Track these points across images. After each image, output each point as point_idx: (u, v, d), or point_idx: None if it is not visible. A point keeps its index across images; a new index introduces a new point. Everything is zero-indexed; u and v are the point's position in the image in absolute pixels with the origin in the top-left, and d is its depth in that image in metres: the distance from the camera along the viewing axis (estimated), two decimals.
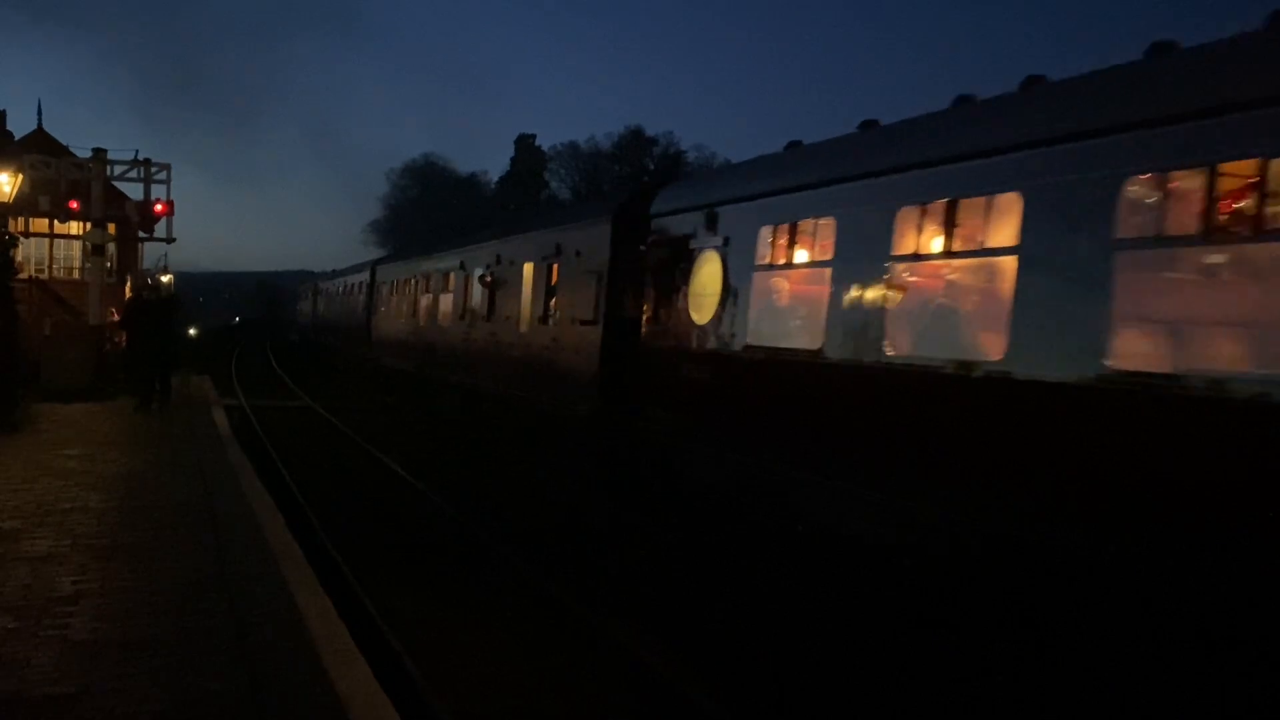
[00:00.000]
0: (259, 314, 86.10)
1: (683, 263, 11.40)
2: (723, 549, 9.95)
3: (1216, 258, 5.98)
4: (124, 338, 21.31)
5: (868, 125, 10.02)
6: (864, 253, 8.42)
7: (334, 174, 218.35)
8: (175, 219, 24.64)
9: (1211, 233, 5.69)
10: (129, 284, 28.43)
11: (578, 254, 14.76)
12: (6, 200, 17.39)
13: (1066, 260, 6.44)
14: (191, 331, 48.15)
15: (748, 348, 10.18)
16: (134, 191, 25.47)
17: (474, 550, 10.85)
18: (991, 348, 7.02)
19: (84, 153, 24.95)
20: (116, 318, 22.97)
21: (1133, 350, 6.13)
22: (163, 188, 24.03)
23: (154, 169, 24.03)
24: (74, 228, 28.66)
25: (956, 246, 7.51)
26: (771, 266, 10.08)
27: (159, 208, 24.12)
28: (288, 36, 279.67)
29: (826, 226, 9.07)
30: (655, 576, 9.86)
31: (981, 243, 7.28)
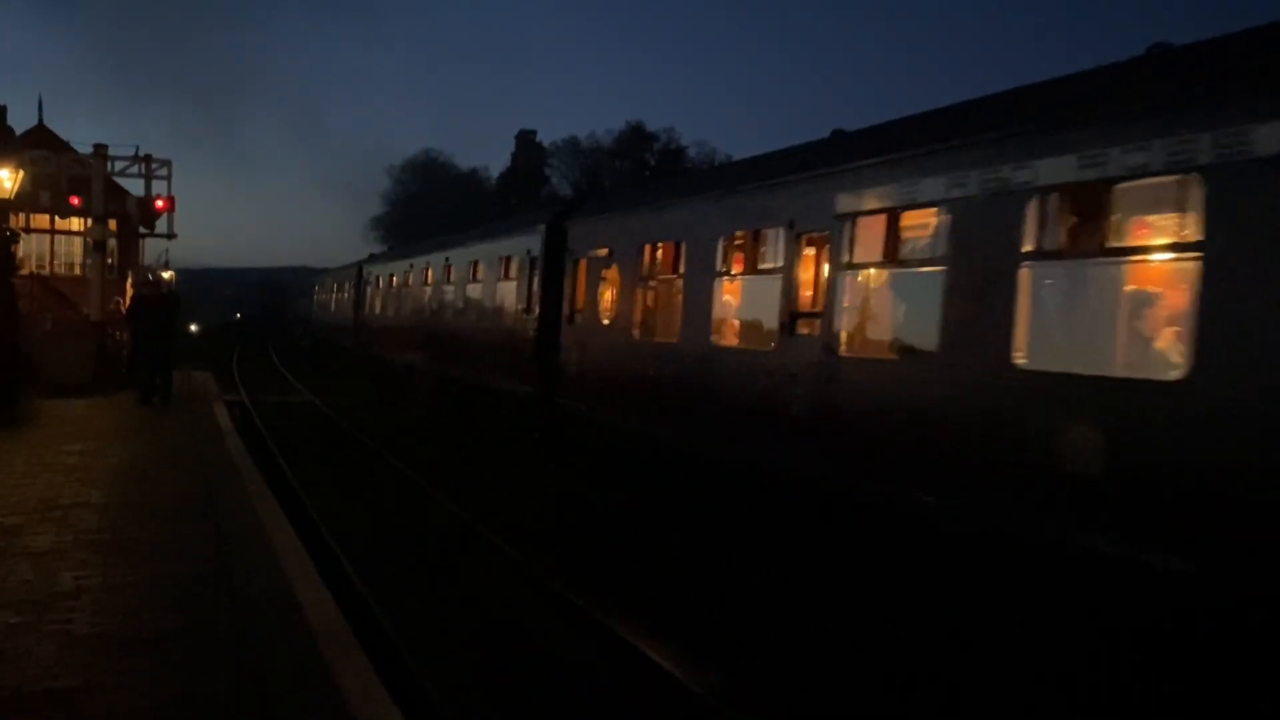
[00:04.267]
0: (261, 311, 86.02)
1: None
2: None
3: None
4: (124, 333, 21.32)
5: None
6: None
7: (334, 172, 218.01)
8: (176, 215, 24.66)
9: None
10: (130, 280, 28.40)
11: None
12: (8, 196, 17.35)
13: None
14: (193, 328, 48.18)
15: None
16: (135, 187, 25.52)
17: None
18: None
19: (85, 149, 24.96)
20: (124, 308, 22.99)
21: None
22: (164, 184, 24.02)
23: (155, 165, 23.99)
24: (75, 224, 28.68)
25: None
26: None
27: (160, 204, 24.08)
28: (285, 34, 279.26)
29: None
30: None
31: None
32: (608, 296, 14.02)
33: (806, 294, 9.72)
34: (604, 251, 14.05)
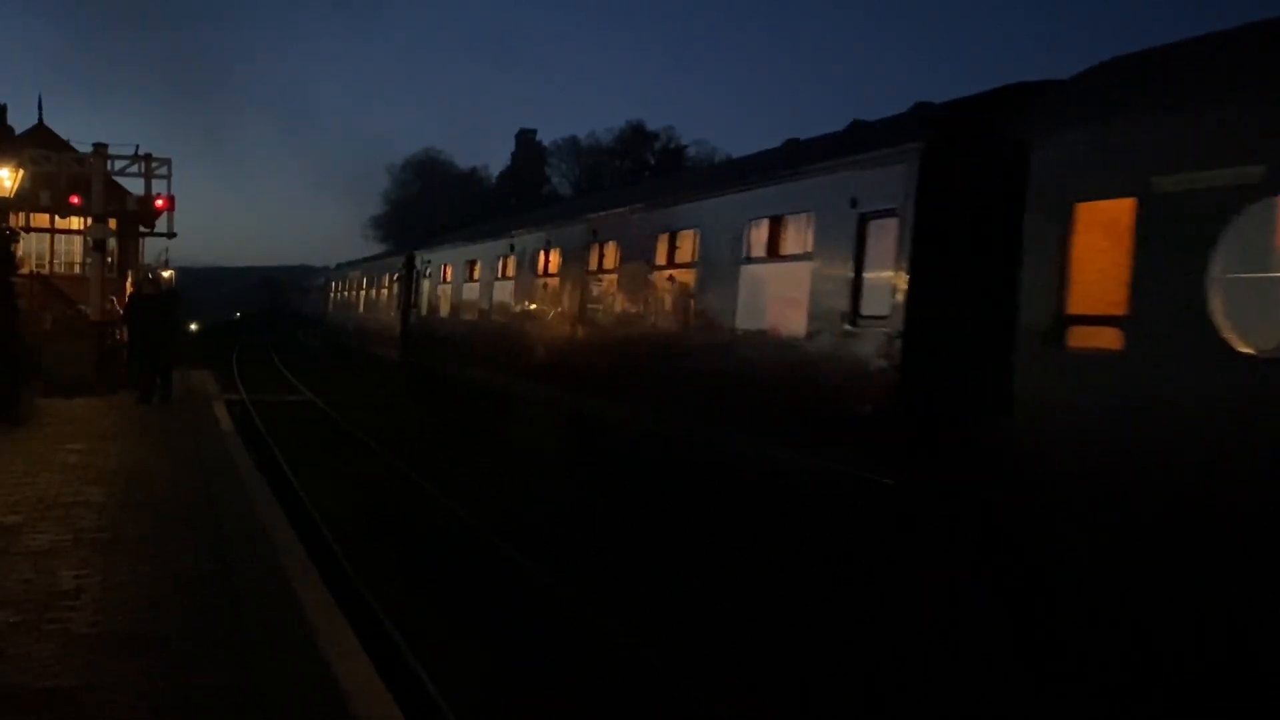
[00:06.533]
0: (261, 310, 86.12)
1: None
2: None
3: None
4: (125, 332, 21.33)
5: None
6: None
7: (333, 171, 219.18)
8: (176, 214, 24.66)
9: None
10: (130, 279, 28.41)
11: None
12: (7, 195, 17.34)
13: None
14: (193, 327, 48.03)
15: None
16: (135, 186, 25.53)
17: None
18: None
19: (83, 146, 24.96)
20: (121, 310, 22.99)
21: None
22: (163, 183, 24.04)
23: (155, 164, 24.01)
24: (75, 223, 28.68)
25: None
26: None
27: (160, 203, 24.11)
28: (284, 32, 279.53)
29: None
30: None
31: None
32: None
33: None
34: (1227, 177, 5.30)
